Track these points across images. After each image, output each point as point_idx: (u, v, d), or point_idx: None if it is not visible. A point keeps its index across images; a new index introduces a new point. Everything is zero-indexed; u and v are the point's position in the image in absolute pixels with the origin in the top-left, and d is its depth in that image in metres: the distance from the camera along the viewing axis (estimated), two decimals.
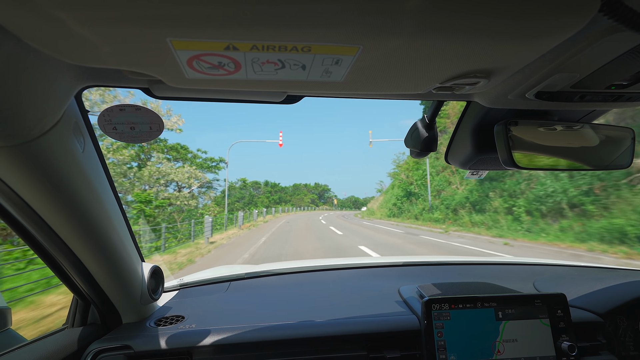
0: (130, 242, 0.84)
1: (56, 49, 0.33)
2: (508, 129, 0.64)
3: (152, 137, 0.57)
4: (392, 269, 1.55)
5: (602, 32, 0.36)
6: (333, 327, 0.91)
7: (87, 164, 0.62)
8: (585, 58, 0.41)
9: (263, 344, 0.87)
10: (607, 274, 1.37)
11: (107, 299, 0.87)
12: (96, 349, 0.83)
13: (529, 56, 0.37)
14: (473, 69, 0.40)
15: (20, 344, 0.76)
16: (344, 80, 0.41)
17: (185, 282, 1.34)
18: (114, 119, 0.54)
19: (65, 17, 0.27)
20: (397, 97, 0.58)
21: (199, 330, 0.90)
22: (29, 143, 0.47)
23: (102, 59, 0.34)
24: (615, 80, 0.48)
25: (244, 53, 0.33)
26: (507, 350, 0.82)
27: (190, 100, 0.57)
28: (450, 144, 0.86)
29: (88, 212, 0.65)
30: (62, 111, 0.50)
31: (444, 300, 0.86)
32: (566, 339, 0.84)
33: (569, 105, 0.55)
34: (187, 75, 0.38)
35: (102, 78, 0.50)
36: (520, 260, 1.65)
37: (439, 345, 0.82)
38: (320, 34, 0.30)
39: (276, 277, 1.45)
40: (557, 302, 0.87)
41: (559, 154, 0.70)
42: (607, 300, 1.02)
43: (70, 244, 0.69)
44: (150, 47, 0.32)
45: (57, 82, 0.44)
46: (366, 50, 0.34)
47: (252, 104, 0.60)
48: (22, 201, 0.57)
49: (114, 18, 0.27)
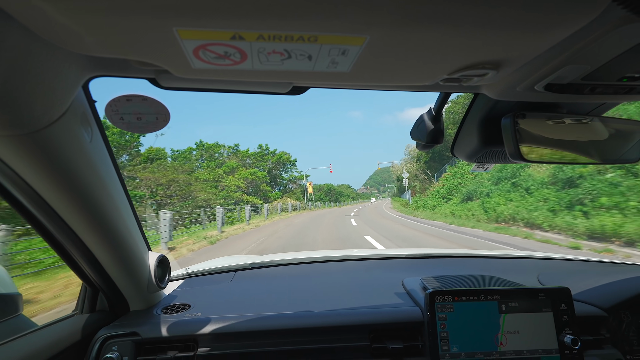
0: (138, 232, 0.86)
1: (63, 40, 0.33)
2: (516, 121, 0.63)
3: (158, 128, 0.58)
4: (397, 261, 1.55)
5: (615, 23, 0.35)
6: (337, 317, 0.92)
7: (94, 154, 0.62)
8: (597, 49, 0.40)
9: (267, 333, 0.88)
10: (612, 268, 1.37)
11: (115, 287, 0.89)
12: (104, 335, 0.85)
13: (539, 47, 0.36)
14: (482, 60, 0.39)
15: (31, 329, 0.78)
16: (351, 71, 0.41)
17: (191, 271, 1.36)
18: (121, 109, 0.54)
19: (73, 7, 0.27)
20: (403, 89, 0.57)
21: (205, 318, 0.91)
22: (38, 132, 0.48)
23: (109, 48, 0.34)
24: (627, 72, 0.47)
25: (250, 43, 0.33)
26: (509, 342, 0.83)
27: (196, 90, 0.57)
28: (456, 136, 0.85)
29: (96, 201, 0.66)
30: (69, 101, 0.50)
31: (447, 292, 0.86)
32: (569, 332, 0.84)
33: (579, 97, 0.54)
34: (193, 65, 0.38)
35: (110, 68, 0.50)
36: (524, 254, 1.65)
37: (442, 336, 0.82)
38: (327, 23, 0.30)
39: (281, 267, 1.46)
40: (561, 296, 0.87)
41: (568, 147, 0.69)
42: (611, 295, 1.02)
43: (79, 233, 0.70)
44: (156, 37, 0.32)
45: (64, 72, 0.44)
46: (373, 41, 0.33)
47: (257, 94, 0.60)
48: (31, 189, 0.58)
49: (121, 8, 0.27)
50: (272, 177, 47.19)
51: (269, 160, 46.50)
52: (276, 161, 47.60)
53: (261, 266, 1.45)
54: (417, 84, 0.47)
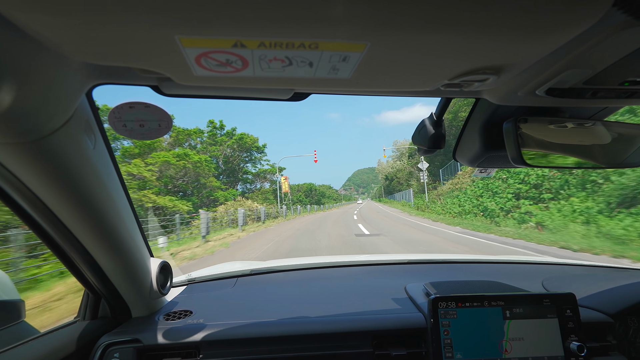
0: (140, 238, 0.86)
1: (67, 49, 0.33)
2: (517, 126, 0.63)
3: (161, 134, 0.58)
4: (399, 267, 1.54)
5: (616, 27, 0.35)
6: (339, 324, 0.91)
7: (97, 161, 0.63)
8: (598, 53, 0.40)
9: (270, 340, 0.87)
10: (617, 273, 1.35)
11: (117, 294, 0.89)
12: (106, 342, 0.84)
13: (540, 51, 0.37)
14: (482, 65, 0.39)
15: (33, 336, 0.78)
16: (352, 77, 0.41)
17: (193, 277, 1.36)
18: (124, 116, 0.55)
19: (76, 17, 0.27)
20: (404, 94, 0.58)
21: (207, 324, 0.91)
22: (42, 140, 0.48)
23: (113, 57, 0.35)
24: (629, 76, 0.47)
25: (252, 50, 0.34)
26: (514, 349, 0.81)
27: (198, 97, 0.57)
28: (458, 141, 0.85)
29: (99, 208, 0.66)
30: (73, 109, 0.51)
31: (450, 298, 0.85)
32: (575, 339, 0.83)
33: (581, 102, 0.54)
34: (196, 73, 0.39)
35: (113, 76, 0.50)
36: (527, 259, 1.63)
37: (445, 343, 0.81)
38: (327, 30, 0.30)
39: (283, 273, 1.46)
40: (566, 302, 0.86)
41: (570, 151, 0.69)
42: (617, 300, 1.00)
43: (82, 239, 0.71)
44: (159, 45, 0.32)
45: (68, 80, 0.45)
46: (374, 47, 0.33)
47: (258, 101, 0.60)
48: (34, 196, 0.58)
49: (124, 17, 0.28)
50: (231, 170, 33.97)
51: (224, 143, 32.87)
52: (235, 145, 33.28)
53: (263, 272, 1.45)
54: (417, 89, 0.47)
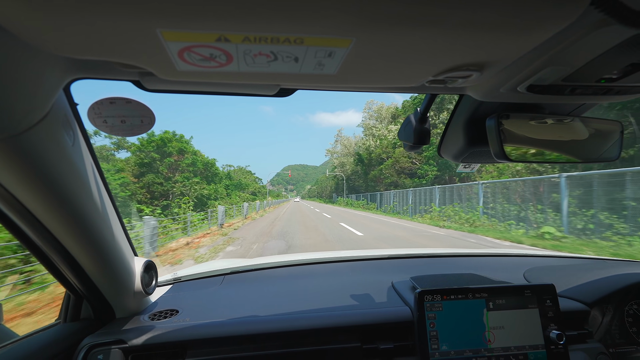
0: (123, 237, 0.84)
1: (43, 41, 0.32)
2: (500, 122, 0.65)
3: (143, 131, 0.56)
4: (386, 262, 1.56)
5: (593, 25, 0.36)
6: (327, 319, 0.92)
7: (77, 158, 0.61)
8: (576, 51, 0.41)
9: (258, 337, 0.87)
10: (595, 264, 1.41)
11: (100, 294, 0.86)
12: (89, 343, 0.82)
13: (521, 49, 0.37)
14: (466, 62, 0.40)
15: (12, 339, 0.76)
16: (337, 73, 0.41)
17: (179, 276, 1.34)
18: (104, 112, 0.53)
19: (50, 7, 0.26)
20: (390, 90, 0.58)
21: (193, 324, 0.90)
22: (17, 136, 0.46)
23: (91, 50, 0.34)
24: (605, 73, 0.49)
25: (236, 45, 0.33)
26: (497, 339, 0.84)
27: (181, 92, 0.56)
28: (442, 137, 0.86)
29: (79, 207, 0.64)
30: (50, 104, 0.49)
31: (436, 291, 0.87)
32: (555, 327, 0.86)
33: (560, 98, 0.56)
34: (178, 67, 0.38)
35: (92, 70, 0.49)
36: (511, 252, 1.68)
37: (431, 335, 0.83)
38: (313, 25, 0.30)
39: (270, 270, 1.45)
40: (546, 292, 0.89)
41: (550, 146, 0.71)
42: (594, 290, 1.05)
43: (62, 239, 0.68)
44: (139, 38, 0.31)
45: (45, 74, 0.43)
46: (359, 43, 0.34)
47: (244, 97, 0.59)
48: (11, 196, 0.56)
49: (101, 8, 0.27)
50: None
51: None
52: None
53: (250, 269, 1.44)
54: (403, 85, 0.48)
